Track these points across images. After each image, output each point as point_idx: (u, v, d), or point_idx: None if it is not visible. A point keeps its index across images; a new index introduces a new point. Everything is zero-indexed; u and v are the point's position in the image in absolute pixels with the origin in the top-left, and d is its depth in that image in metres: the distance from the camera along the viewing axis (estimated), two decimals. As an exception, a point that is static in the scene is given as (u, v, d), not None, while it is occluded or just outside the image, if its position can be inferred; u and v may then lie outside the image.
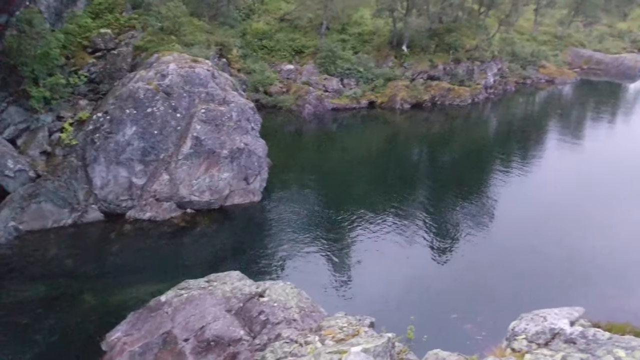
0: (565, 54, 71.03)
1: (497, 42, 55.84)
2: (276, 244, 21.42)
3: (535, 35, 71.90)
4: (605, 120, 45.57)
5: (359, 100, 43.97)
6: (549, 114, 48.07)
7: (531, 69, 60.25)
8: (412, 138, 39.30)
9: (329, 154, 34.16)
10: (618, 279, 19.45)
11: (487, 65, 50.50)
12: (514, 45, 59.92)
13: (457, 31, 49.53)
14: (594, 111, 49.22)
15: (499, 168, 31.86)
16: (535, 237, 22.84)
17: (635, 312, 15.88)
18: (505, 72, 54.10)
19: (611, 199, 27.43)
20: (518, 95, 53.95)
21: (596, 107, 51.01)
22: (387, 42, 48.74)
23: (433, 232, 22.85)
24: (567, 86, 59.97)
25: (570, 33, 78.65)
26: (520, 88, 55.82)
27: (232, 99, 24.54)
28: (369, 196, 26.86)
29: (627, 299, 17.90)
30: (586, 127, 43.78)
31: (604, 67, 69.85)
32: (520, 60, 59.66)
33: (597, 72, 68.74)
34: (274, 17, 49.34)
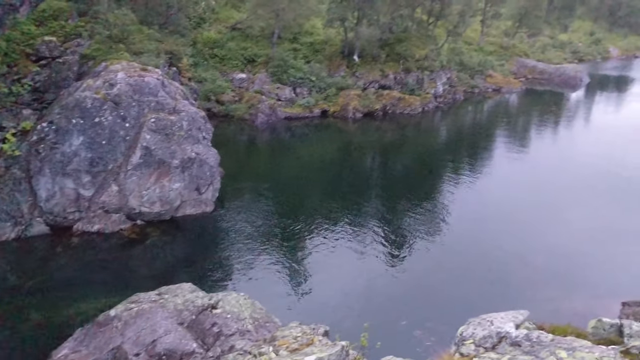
0: (510, 63, 73.34)
1: (445, 52, 57.15)
2: (229, 254, 21.21)
3: (482, 46, 74.00)
4: (549, 128, 47.22)
5: (312, 109, 44.16)
6: (496, 122, 49.44)
7: (479, 78, 61.90)
8: (365, 146, 39.70)
9: (282, 163, 34.13)
10: (561, 281, 20.13)
11: (437, 75, 51.60)
12: (462, 55, 61.48)
13: (407, 41, 50.45)
14: (539, 119, 50.94)
15: (449, 175, 32.53)
16: (483, 241, 23.41)
17: (576, 312, 16.48)
18: (454, 81, 55.40)
19: (555, 203, 28.40)
20: (467, 103, 55.30)
21: (540, 115, 52.80)
22: (338, 52, 49.18)
23: (386, 239, 23.11)
24: (513, 95, 61.86)
25: (515, 44, 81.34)
26: (468, 97, 57.24)
27: (183, 108, 24.24)
28: (323, 204, 26.96)
29: (570, 300, 18.55)
30: (531, 134, 45.25)
31: (547, 77, 72.40)
32: (468, 70, 61.22)
33: (541, 82, 71.21)
34: (225, 25, 49.07)
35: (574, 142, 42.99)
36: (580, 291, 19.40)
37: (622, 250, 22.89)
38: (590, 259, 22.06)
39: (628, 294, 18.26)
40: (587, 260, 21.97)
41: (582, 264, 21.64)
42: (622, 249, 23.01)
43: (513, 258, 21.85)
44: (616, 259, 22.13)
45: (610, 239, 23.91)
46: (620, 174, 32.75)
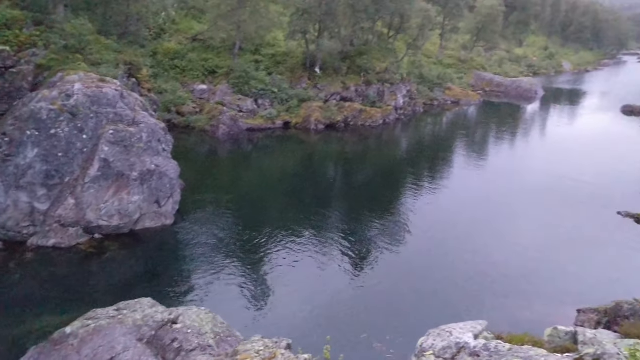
0: (469, 76, 75.10)
1: (406, 65, 58.11)
2: (190, 267, 20.89)
3: (441, 59, 75.55)
4: (506, 139, 48.40)
5: (274, 120, 44.15)
6: (455, 134, 50.40)
7: (438, 91, 63.11)
8: (327, 158, 39.87)
9: (244, 175, 33.92)
10: (518, 289, 20.54)
11: (397, 87, 52.35)
12: (421, 68, 62.64)
13: (368, 54, 51.08)
14: (496, 131, 52.19)
15: (410, 186, 32.93)
16: (443, 251, 23.74)
17: (534, 320, 16.83)
18: (414, 94, 56.31)
19: (511, 213, 29.08)
20: (426, 116, 56.24)
21: (498, 126, 54.11)
22: (300, 64, 49.39)
23: (349, 250, 23.17)
24: (471, 107, 63.24)
25: (473, 57, 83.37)
26: (428, 109, 58.28)
27: (142, 120, 23.87)
28: (285, 216, 26.88)
29: (527, 309, 18.94)
30: (489, 145, 46.30)
31: (504, 90, 74.38)
32: (428, 83, 62.39)
33: (498, 94, 73.10)
34: (185, 37, 48.70)
35: (530, 153, 44.16)
36: (538, 299, 19.82)
37: (576, 257, 23.55)
38: (547, 267, 22.60)
39: (583, 300, 18.78)
40: (544, 268, 22.49)
41: (539, 272, 22.14)
42: (576, 256, 23.67)
43: (472, 267, 22.19)
44: (571, 266, 22.73)
45: (566, 247, 24.57)
46: (574, 184, 33.75)
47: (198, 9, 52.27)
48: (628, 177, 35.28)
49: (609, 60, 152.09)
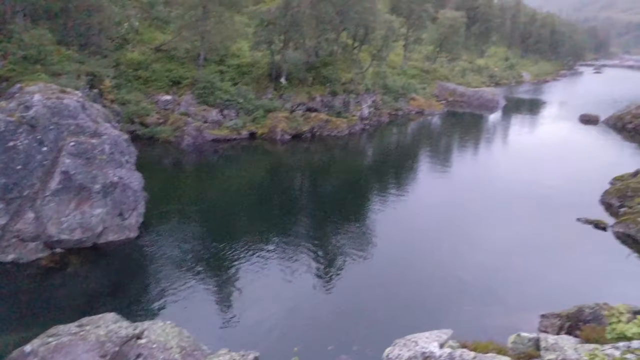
0: (432, 87, 76.32)
1: (370, 75, 58.71)
2: (155, 281, 20.55)
3: (405, 70, 76.57)
4: (469, 148, 49.24)
5: (240, 131, 43.97)
6: (420, 143, 51.06)
7: (402, 101, 63.90)
8: (294, 168, 39.87)
9: (210, 186, 33.62)
10: (483, 296, 20.83)
11: (362, 98, 52.83)
12: (386, 79, 63.35)
13: (333, 65, 51.46)
14: (460, 140, 53.07)
15: (376, 194, 33.16)
16: (410, 259, 23.93)
17: (498, 327, 17.09)
18: (379, 104, 56.91)
19: (475, 220, 29.53)
20: (391, 125, 56.86)
21: (461, 136, 55.06)
22: (266, 74, 49.41)
23: (315, 260, 23.15)
24: (435, 117, 64.20)
25: (436, 68, 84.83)
26: (393, 119, 58.95)
27: (105, 131, 23.48)
28: (252, 227, 26.72)
29: (492, 315, 19.21)
30: (453, 154, 47.01)
31: (466, 100, 75.78)
32: (392, 93, 63.13)
33: (461, 104, 74.43)
34: (149, 47, 48.19)
35: (493, 161, 45.02)
36: (502, 305, 20.13)
37: (539, 263, 24.02)
38: (511, 273, 22.99)
39: (547, 305, 19.19)
40: (508, 274, 22.87)
41: (504, 278, 22.51)
42: (539, 262, 24.15)
43: (438, 275, 22.43)
44: (535, 272, 23.18)
45: (529, 253, 25.05)
46: (535, 191, 34.52)
47: (162, 20, 51.85)
48: (586, 184, 36.23)
49: (567, 70, 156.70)
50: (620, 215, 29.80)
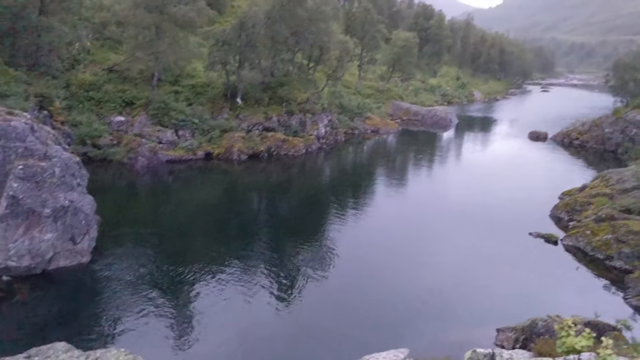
0: (387, 106, 77.51)
1: (326, 95, 59.23)
2: (109, 306, 19.95)
3: (360, 89, 77.59)
4: (424, 166, 50.08)
5: (195, 151, 43.51)
6: (376, 162, 51.66)
7: (358, 120, 64.65)
8: (251, 188, 39.66)
9: (165, 207, 33.05)
10: (440, 313, 21.06)
11: (319, 117, 53.19)
12: (341, 98, 64.07)
13: (289, 85, 51.74)
14: (415, 158, 53.97)
15: (334, 213, 33.26)
16: (367, 277, 24.02)
17: (455, 343, 17.28)
18: (335, 123, 57.38)
19: (432, 236, 29.97)
20: (348, 144, 57.38)
21: (416, 154, 56.01)
22: (221, 94, 49.24)
23: (274, 281, 22.96)
24: (390, 136, 65.14)
25: (390, 87, 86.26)
26: (349, 138, 59.50)
27: (55, 154, 22.85)
28: (210, 249, 26.34)
29: (448, 332, 19.43)
30: (408, 172, 47.74)
31: (420, 118, 77.23)
32: (348, 112, 63.82)
33: (415, 123, 75.82)
34: (101, 67, 47.36)
35: (448, 179, 45.89)
36: (459, 321, 20.39)
37: (494, 277, 24.51)
38: (466, 289, 23.35)
39: (502, 319, 19.55)
40: (464, 290, 23.22)
41: (459, 294, 22.82)
42: (494, 276, 24.64)
43: (395, 292, 22.57)
44: (490, 286, 23.62)
45: (484, 268, 25.53)
46: (488, 207, 35.30)
47: (114, 40, 51.08)
48: (537, 199, 37.31)
49: (516, 89, 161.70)
50: (569, 229, 30.76)
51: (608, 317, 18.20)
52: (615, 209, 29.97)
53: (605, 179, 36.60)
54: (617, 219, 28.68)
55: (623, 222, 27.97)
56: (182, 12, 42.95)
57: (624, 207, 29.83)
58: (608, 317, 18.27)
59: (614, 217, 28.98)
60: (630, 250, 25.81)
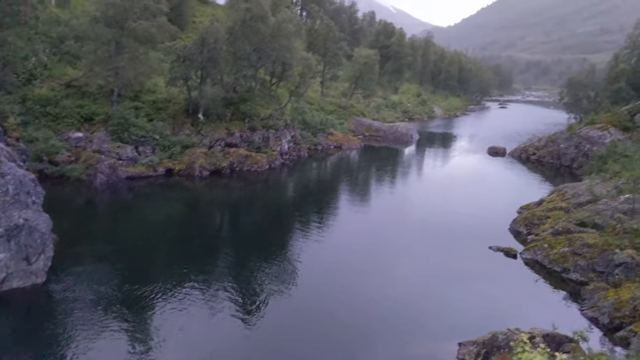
0: (349, 122, 78.14)
1: (289, 111, 59.40)
2: (66, 328, 19.32)
3: (322, 106, 78.07)
4: (387, 181, 50.56)
5: (156, 168, 42.87)
6: (339, 177, 51.90)
7: (321, 136, 64.94)
8: (213, 205, 39.26)
9: (125, 225, 32.39)
10: (403, 328, 21.14)
11: (282, 133, 53.23)
12: (304, 115, 64.34)
13: (252, 101, 51.71)
14: (377, 173, 54.46)
15: (298, 228, 33.18)
16: (331, 292, 23.98)
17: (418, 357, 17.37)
18: (299, 139, 57.52)
19: (395, 251, 30.18)
20: (311, 160, 57.51)
21: (379, 169, 56.53)
22: (183, 110, 48.79)
23: (238, 299, 22.68)
24: (353, 151, 65.61)
25: (353, 104, 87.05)
26: (312, 154, 59.67)
27: (9, 171, 22.18)
28: (171, 266, 25.87)
29: (411, 346, 19.52)
30: (372, 187, 48.09)
31: (382, 134, 78.11)
32: (311, 128, 64.08)
33: (377, 139, 76.62)
34: (59, 82, 46.41)
35: (410, 194, 46.42)
36: (422, 336, 20.52)
37: (456, 291, 24.77)
38: (428, 303, 23.54)
39: (464, 333, 19.75)
40: (426, 305, 23.40)
41: (421, 309, 22.99)
42: (456, 290, 24.90)
43: (358, 309, 22.57)
44: (452, 300, 23.85)
45: (445, 282, 25.81)
46: (449, 222, 35.79)
47: (72, 55, 50.17)
48: (496, 213, 38.04)
49: (475, 106, 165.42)
50: (528, 242, 31.42)
51: (565, 329, 18.60)
52: (571, 222, 30.78)
53: (561, 194, 37.62)
54: (573, 232, 29.46)
55: (578, 235, 28.74)
56: (142, 27, 42.52)
57: (579, 221, 30.67)
58: (565, 328, 18.67)
59: (570, 230, 29.75)
60: (585, 262, 26.50)
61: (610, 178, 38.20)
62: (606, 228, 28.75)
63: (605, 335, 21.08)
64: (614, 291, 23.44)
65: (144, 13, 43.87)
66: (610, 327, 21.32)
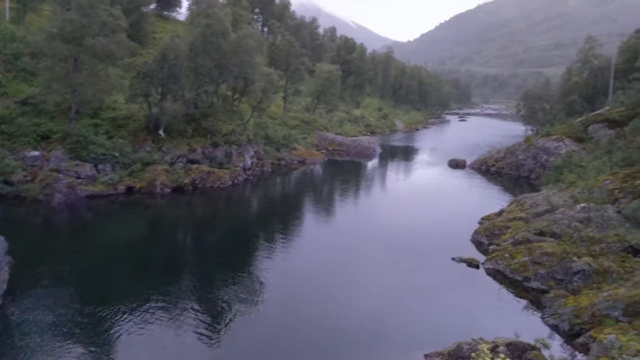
0: (312, 137, 78.47)
1: (252, 126, 59.31)
2: (22, 354, 18.65)
3: (285, 121, 78.22)
4: (351, 194, 50.81)
5: (116, 186, 42.09)
6: (303, 192, 51.90)
7: (285, 151, 64.97)
8: (176, 222, 38.70)
9: (85, 245, 31.60)
10: (369, 341, 21.15)
11: (244, 149, 53.00)
12: (267, 130, 64.31)
13: (214, 116, 51.40)
14: (341, 187, 54.70)
15: (262, 245, 32.97)
16: (297, 309, 23.84)
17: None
18: (262, 154, 57.34)
19: (360, 264, 30.26)
20: (275, 175, 57.40)
21: (343, 183, 56.81)
22: (143, 127, 48.14)
23: (203, 318, 22.32)
24: (317, 166, 65.80)
25: (315, 118, 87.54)
26: (276, 169, 59.58)
27: (-38, 192, 21.45)
28: (134, 286, 25.32)
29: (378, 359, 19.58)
30: (336, 201, 48.24)
31: (345, 148, 78.66)
32: (274, 143, 64.06)
33: (341, 153, 77.11)
34: (14, 100, 45.25)
35: (374, 207, 46.74)
36: (388, 348, 20.56)
37: (421, 303, 24.98)
38: (395, 315, 23.62)
39: (430, 344, 19.90)
40: (392, 317, 23.46)
41: (388, 321, 23.04)
42: (421, 302, 25.12)
43: (323, 323, 22.50)
44: (416, 312, 24.04)
45: (410, 294, 26.00)
46: (413, 234, 36.14)
47: (28, 72, 49.06)
48: (458, 224, 38.57)
49: (435, 119, 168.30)
50: (489, 252, 31.95)
51: (528, 337, 18.93)
52: (530, 232, 31.47)
53: (520, 204, 38.47)
54: (533, 241, 30.10)
55: (538, 244, 29.38)
56: (101, 44, 41.96)
57: (538, 230, 31.38)
58: (528, 336, 19.01)
59: (529, 240, 30.39)
60: (545, 271, 27.08)
61: (567, 188, 39.29)
62: (564, 237, 29.48)
63: (566, 342, 21.52)
64: (573, 298, 23.99)
65: (103, 29, 43.33)
66: (571, 333, 21.76)
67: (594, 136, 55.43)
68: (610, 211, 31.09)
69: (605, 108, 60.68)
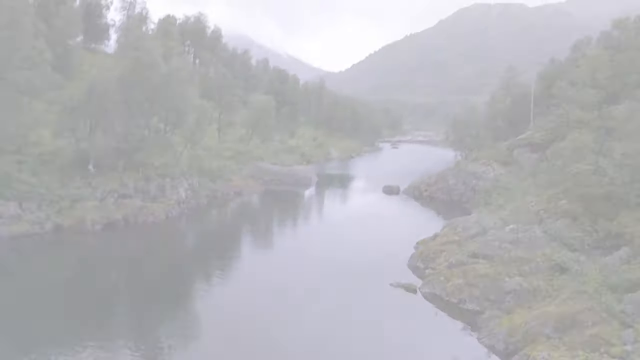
0: (248, 167, 77.93)
1: (185, 159, 58.27)
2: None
3: (220, 152, 77.42)
4: (288, 224, 50.75)
5: (43, 224, 40.05)
6: (240, 223, 51.43)
7: (220, 182, 64.08)
8: (107, 260, 37.19)
9: (7, 290, 29.70)
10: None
11: (178, 181, 52.01)
12: (201, 162, 63.33)
13: (146, 150, 50.20)
14: (279, 217, 54.57)
15: (199, 280, 32.32)
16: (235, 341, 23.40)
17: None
18: (196, 187, 56.34)
19: (300, 294, 30.04)
20: (211, 207, 56.49)
21: (280, 213, 56.71)
22: (71, 162, 46.34)
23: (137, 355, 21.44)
24: (254, 196, 65.38)
25: (251, 149, 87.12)
26: (211, 201, 58.59)
27: None
28: (63, 330, 24.06)
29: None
30: (273, 231, 48.04)
31: (282, 178, 78.54)
32: (210, 175, 63.08)
33: (277, 182, 76.87)
34: None
35: (310, 235, 46.87)
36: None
37: (361, 330, 24.99)
38: (334, 345, 23.54)
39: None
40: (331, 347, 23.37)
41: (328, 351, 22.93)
42: (360, 329, 25.15)
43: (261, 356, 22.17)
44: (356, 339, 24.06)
45: (349, 322, 26.03)
46: (349, 260, 36.16)
47: (-56, 107, 46.47)
48: (395, 250, 38.99)
49: (369, 147, 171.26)
50: (426, 276, 32.51)
51: (466, 358, 19.29)
52: (464, 254, 32.31)
53: (453, 227, 39.52)
54: (467, 264, 30.92)
55: (472, 266, 30.21)
56: (24, 77, 40.41)
57: (471, 253, 32.27)
58: (466, 358, 19.37)
59: (463, 262, 31.21)
60: (479, 292, 27.82)
61: (496, 210, 40.76)
62: (495, 258, 30.45)
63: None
64: (507, 318, 24.71)
65: (26, 62, 41.79)
66: (506, 352, 22.34)
67: (519, 159, 57.98)
68: (537, 231, 32.43)
69: (528, 133, 63.70)
